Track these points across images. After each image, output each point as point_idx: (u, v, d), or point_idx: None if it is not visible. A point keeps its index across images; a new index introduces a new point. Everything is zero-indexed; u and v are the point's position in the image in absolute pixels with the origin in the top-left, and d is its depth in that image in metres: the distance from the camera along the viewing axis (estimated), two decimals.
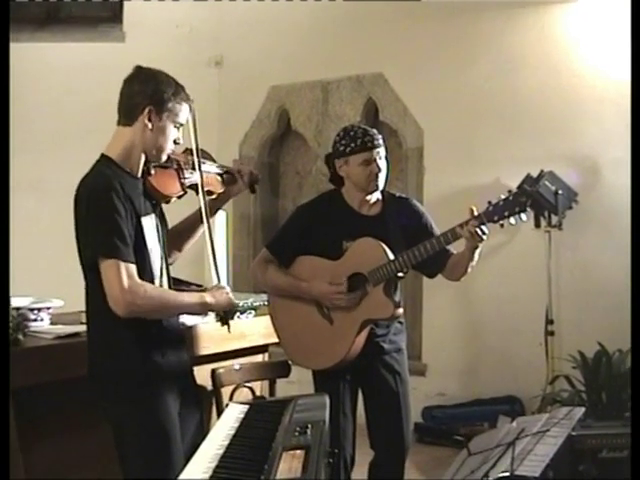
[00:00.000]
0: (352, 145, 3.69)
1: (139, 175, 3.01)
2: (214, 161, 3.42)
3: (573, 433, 4.43)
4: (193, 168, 3.20)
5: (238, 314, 4.12)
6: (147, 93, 2.92)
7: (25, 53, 7.06)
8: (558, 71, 6.13)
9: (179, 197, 3.20)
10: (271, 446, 2.24)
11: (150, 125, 2.93)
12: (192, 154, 3.20)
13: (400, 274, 3.63)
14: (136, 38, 7.39)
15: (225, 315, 3.21)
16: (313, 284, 3.69)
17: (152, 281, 2.95)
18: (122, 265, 2.77)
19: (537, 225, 5.89)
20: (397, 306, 3.64)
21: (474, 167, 6.34)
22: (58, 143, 7.26)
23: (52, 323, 3.67)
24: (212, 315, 3.95)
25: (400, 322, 3.87)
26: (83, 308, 3.05)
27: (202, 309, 3.16)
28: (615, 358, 5.51)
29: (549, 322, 5.86)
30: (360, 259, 3.63)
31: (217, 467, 2.15)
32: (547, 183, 5.69)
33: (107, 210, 2.79)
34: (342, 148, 3.73)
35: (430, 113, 6.66)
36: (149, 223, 2.98)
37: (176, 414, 2.95)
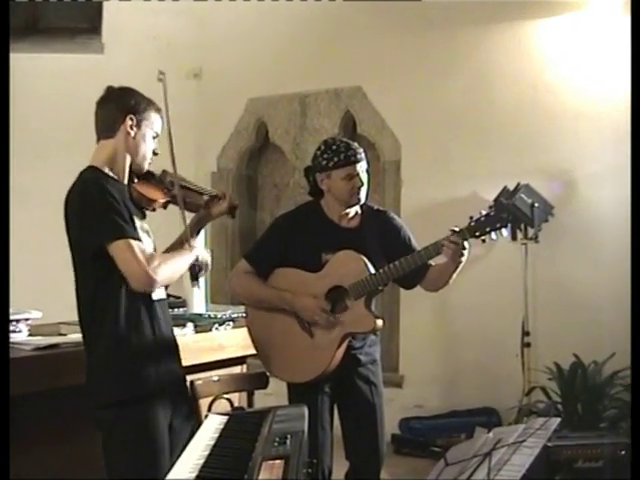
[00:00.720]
0: (335, 159, 3.67)
1: (125, 182, 3.07)
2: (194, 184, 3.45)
3: (549, 444, 4.47)
4: (172, 185, 3.24)
5: (216, 326, 4.13)
6: (125, 105, 3.05)
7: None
8: (534, 86, 6.20)
9: (164, 206, 3.22)
10: (251, 456, 2.25)
11: (132, 133, 3.04)
12: (170, 175, 3.26)
13: (381, 287, 3.65)
14: (115, 50, 7.40)
15: (196, 271, 3.28)
16: (297, 296, 3.65)
17: None
18: (133, 243, 2.83)
19: (514, 238, 5.93)
20: (377, 318, 3.65)
21: (451, 180, 6.39)
22: (38, 154, 7.23)
23: (30, 334, 3.66)
24: (190, 327, 3.99)
25: (375, 334, 3.88)
26: (62, 319, 3.06)
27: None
28: (590, 370, 5.56)
29: (525, 334, 5.89)
30: (341, 272, 3.62)
31: (197, 477, 2.16)
32: (523, 196, 5.74)
33: (104, 198, 2.86)
34: (324, 162, 3.70)
35: (408, 126, 6.70)
36: (141, 227, 3.03)
37: (166, 425, 2.97)
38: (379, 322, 3.65)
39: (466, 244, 3.50)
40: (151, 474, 2.84)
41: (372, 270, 3.58)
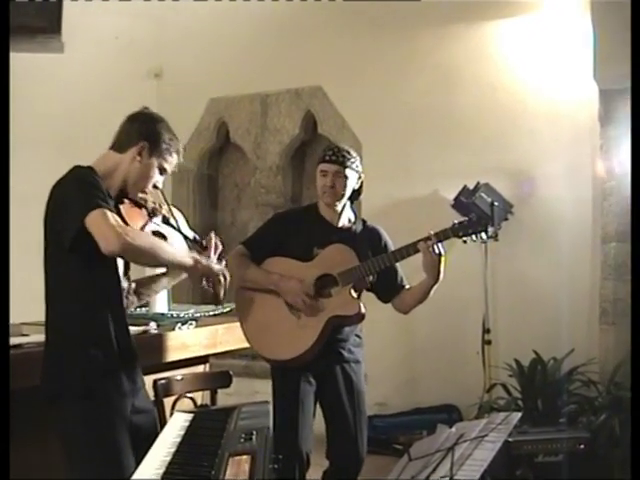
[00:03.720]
0: (321, 155, 3.97)
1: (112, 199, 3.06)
2: (189, 228, 3.45)
3: (510, 439, 4.53)
4: (164, 220, 3.26)
5: (179, 325, 4.14)
6: (146, 130, 3.09)
7: None
8: (493, 87, 6.26)
9: (142, 228, 3.22)
10: (217, 453, 2.27)
11: (139, 158, 3.06)
12: (168, 207, 3.30)
13: (368, 278, 3.84)
14: (75, 49, 7.32)
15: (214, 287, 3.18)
16: (283, 278, 3.85)
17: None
18: (109, 213, 2.80)
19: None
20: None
21: (412, 180, 6.42)
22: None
23: None
24: (153, 326, 3.99)
25: (358, 336, 4.08)
26: (25, 320, 3.04)
27: (192, 269, 3.10)
28: (550, 366, 5.62)
29: (486, 331, 5.94)
30: (330, 262, 3.85)
31: (165, 474, 2.18)
32: (483, 195, 5.81)
33: (91, 184, 2.86)
34: (318, 157, 4.01)
35: (368, 126, 6.74)
36: None
37: (127, 424, 2.96)
38: (364, 310, 3.83)
39: (442, 250, 3.75)
40: (114, 471, 2.82)
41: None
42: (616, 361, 5.50)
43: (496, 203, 5.77)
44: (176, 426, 2.60)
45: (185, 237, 3.36)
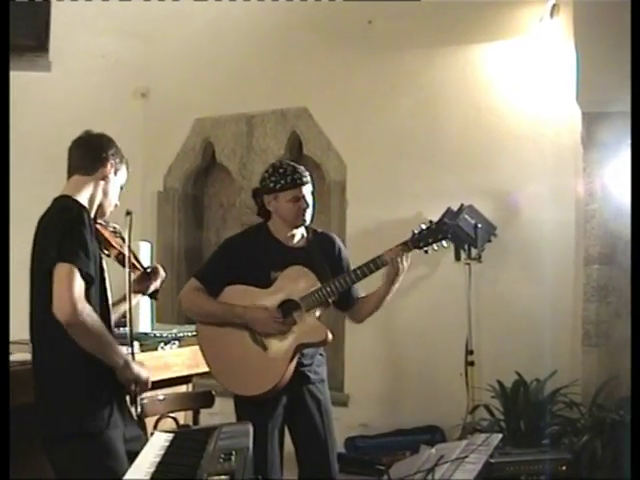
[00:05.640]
0: (282, 182, 3.82)
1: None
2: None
3: (492, 460, 4.51)
4: (123, 241, 3.28)
5: (162, 345, 4.14)
6: (107, 151, 3.15)
7: None
8: (478, 109, 6.29)
9: (116, 256, 3.25)
10: (196, 473, 2.27)
11: (110, 177, 3.13)
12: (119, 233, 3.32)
13: (330, 300, 3.78)
14: (62, 68, 7.33)
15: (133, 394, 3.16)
16: (248, 309, 3.75)
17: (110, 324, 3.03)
18: (78, 274, 2.80)
19: (457, 258, 6.00)
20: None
21: (396, 201, 6.43)
22: None
23: None
24: (136, 346, 3.98)
25: (321, 354, 4.00)
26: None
27: (122, 370, 3.06)
28: (533, 387, 5.63)
29: (469, 353, 5.94)
30: (291, 286, 3.77)
31: None
32: (467, 217, 5.82)
33: (78, 224, 2.88)
34: (272, 185, 3.85)
35: (353, 148, 6.76)
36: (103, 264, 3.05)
37: (124, 451, 2.97)
38: (330, 335, 3.77)
39: (406, 263, 3.65)
40: None
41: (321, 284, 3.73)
42: (599, 383, 5.51)
43: (479, 225, 5.79)
44: (155, 446, 2.60)
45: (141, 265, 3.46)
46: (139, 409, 3.21)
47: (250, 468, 2.33)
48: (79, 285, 2.80)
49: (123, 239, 3.27)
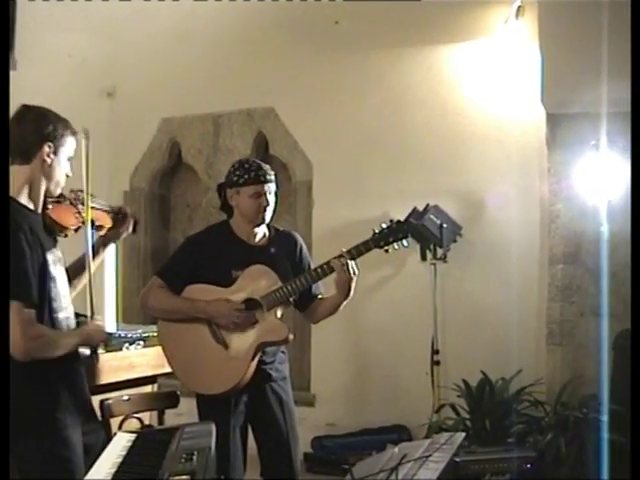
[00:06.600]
0: (245, 177, 3.82)
1: (39, 211, 3.04)
2: (102, 201, 3.46)
3: (457, 459, 4.56)
4: (83, 204, 3.22)
5: (127, 345, 4.12)
6: (43, 132, 2.99)
7: None
8: (444, 109, 6.32)
9: (76, 230, 3.22)
10: (157, 473, 2.26)
11: (49, 160, 2.99)
12: (80, 192, 3.24)
13: (291, 299, 3.79)
14: (28, 66, 7.26)
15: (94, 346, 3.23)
16: (210, 303, 3.74)
17: (57, 316, 2.99)
18: (22, 311, 2.78)
19: (423, 258, 6.03)
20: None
21: (363, 201, 6.45)
22: None
23: None
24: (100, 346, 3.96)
25: (283, 352, 3.99)
26: None
27: (83, 343, 3.14)
28: (498, 386, 5.67)
29: (435, 352, 5.96)
30: (252, 285, 3.76)
31: None
32: (432, 217, 5.84)
33: (14, 254, 2.79)
34: (235, 179, 3.84)
35: (319, 148, 6.77)
36: (53, 258, 3.00)
37: (81, 445, 2.96)
38: (291, 335, 3.77)
39: (352, 269, 3.66)
40: None
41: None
42: (563, 381, 5.57)
43: (445, 225, 5.82)
44: (118, 446, 2.59)
45: (107, 211, 3.44)
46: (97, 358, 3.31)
47: (212, 468, 2.33)
48: (24, 322, 2.79)
49: (83, 203, 3.21)
